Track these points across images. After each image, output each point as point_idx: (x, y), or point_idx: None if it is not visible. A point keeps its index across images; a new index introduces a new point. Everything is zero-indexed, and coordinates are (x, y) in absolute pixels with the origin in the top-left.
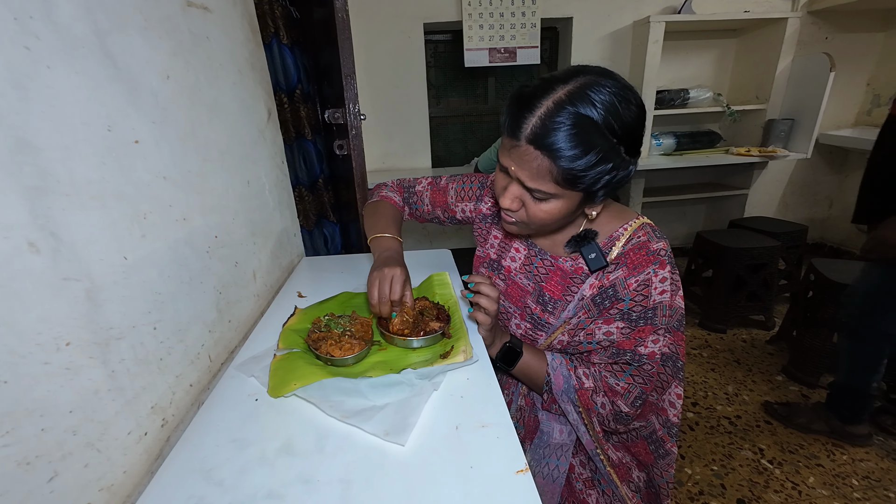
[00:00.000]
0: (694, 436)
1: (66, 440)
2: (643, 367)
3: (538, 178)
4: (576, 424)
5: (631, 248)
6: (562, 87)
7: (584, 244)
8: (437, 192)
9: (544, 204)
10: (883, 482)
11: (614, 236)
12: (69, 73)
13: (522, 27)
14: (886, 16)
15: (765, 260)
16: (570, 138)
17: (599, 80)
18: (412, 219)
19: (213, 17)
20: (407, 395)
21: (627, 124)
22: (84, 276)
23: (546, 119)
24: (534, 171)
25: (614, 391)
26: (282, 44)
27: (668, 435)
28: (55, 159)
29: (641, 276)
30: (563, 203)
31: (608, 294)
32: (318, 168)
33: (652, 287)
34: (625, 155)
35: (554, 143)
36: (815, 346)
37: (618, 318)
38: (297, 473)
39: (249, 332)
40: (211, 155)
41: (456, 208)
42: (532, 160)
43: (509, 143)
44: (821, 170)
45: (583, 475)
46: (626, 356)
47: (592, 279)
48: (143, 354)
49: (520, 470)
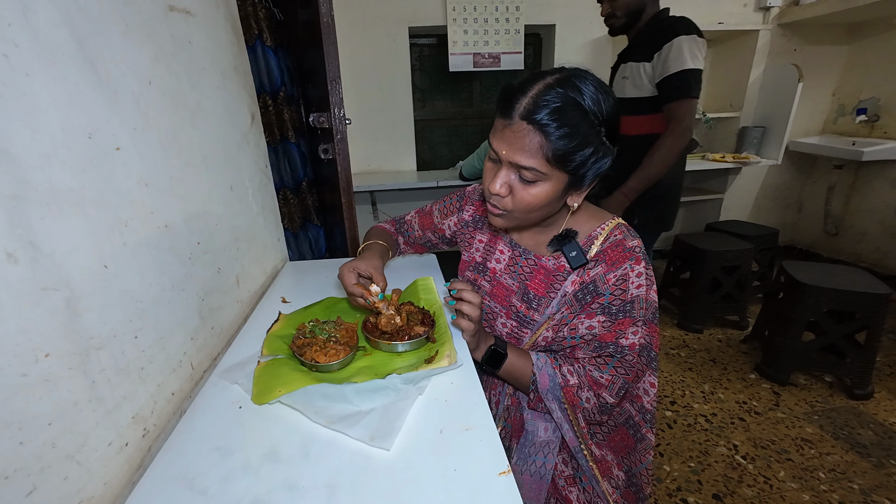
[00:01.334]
0: (672, 434)
1: (45, 453)
2: (625, 357)
3: (530, 156)
4: (560, 422)
5: (608, 245)
6: (550, 76)
7: (565, 243)
8: (424, 216)
9: (532, 188)
10: (847, 474)
11: (593, 235)
12: (48, 80)
13: (507, 33)
14: (850, 30)
15: (739, 262)
16: (560, 113)
17: (581, 73)
18: (408, 248)
19: (196, 21)
20: (392, 399)
21: (607, 112)
22: (63, 285)
23: (537, 97)
24: (525, 147)
25: (599, 384)
26: (265, 46)
27: (644, 421)
28: (34, 167)
29: (619, 271)
30: (549, 187)
31: (589, 289)
32: (301, 171)
33: (629, 282)
34: (605, 140)
35: (545, 118)
36: (785, 345)
37: (599, 312)
38: (281, 480)
39: (233, 339)
40: (194, 160)
41: (443, 225)
42: (524, 136)
43: (502, 123)
44: (790, 175)
45: (565, 472)
46: (609, 348)
47: (574, 276)
48: (124, 364)
49: (502, 472)
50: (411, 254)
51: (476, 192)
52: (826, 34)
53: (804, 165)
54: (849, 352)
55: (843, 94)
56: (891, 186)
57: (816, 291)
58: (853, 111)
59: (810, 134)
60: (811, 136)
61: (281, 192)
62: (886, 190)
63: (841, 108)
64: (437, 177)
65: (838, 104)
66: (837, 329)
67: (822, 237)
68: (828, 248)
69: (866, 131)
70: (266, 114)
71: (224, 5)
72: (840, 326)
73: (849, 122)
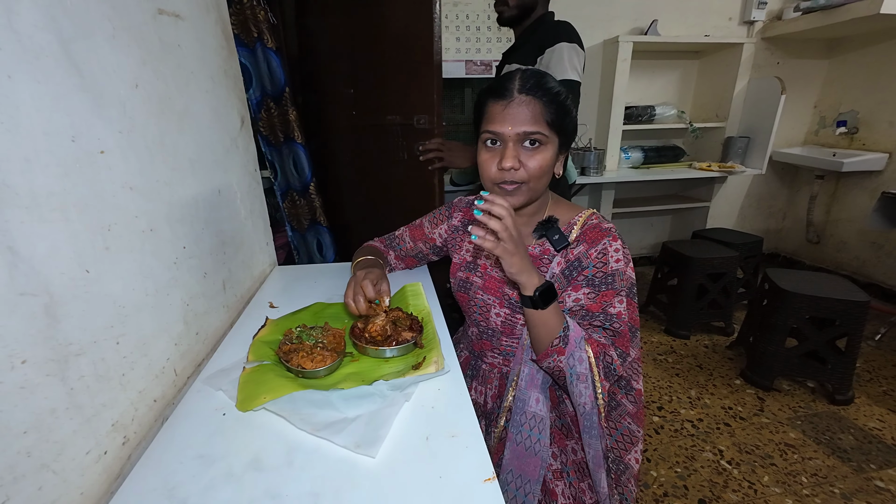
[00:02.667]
0: (659, 439)
1: (19, 462)
2: (613, 325)
3: (535, 121)
4: (585, 373)
5: (587, 228)
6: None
7: (548, 227)
8: (414, 229)
9: (537, 153)
10: (829, 479)
11: (571, 223)
12: (31, 83)
13: (498, 41)
14: (830, 44)
15: (725, 269)
16: (548, 85)
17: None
18: (399, 262)
19: (185, 25)
20: (378, 406)
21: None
22: (42, 290)
23: (528, 76)
24: (529, 115)
25: (602, 344)
26: (266, 47)
27: (618, 387)
28: (14, 171)
29: (599, 246)
30: (549, 151)
31: (574, 266)
32: (309, 173)
33: (608, 255)
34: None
35: (540, 85)
36: (769, 351)
37: (584, 285)
38: (264, 489)
39: (218, 345)
40: (180, 164)
41: (434, 235)
42: (527, 106)
43: (500, 105)
44: (774, 185)
45: (553, 466)
46: (599, 318)
47: (559, 258)
48: (104, 370)
49: (487, 478)
50: (401, 269)
51: (462, 201)
52: (807, 49)
53: (787, 175)
54: (830, 358)
55: (824, 106)
56: (869, 197)
57: (798, 299)
58: (833, 123)
59: (793, 144)
60: (794, 147)
61: (288, 195)
62: (865, 200)
63: (822, 120)
64: None
65: (819, 116)
66: (819, 335)
67: (804, 245)
68: (810, 256)
69: (846, 143)
70: (269, 115)
71: (214, 9)
72: (821, 333)
73: (829, 133)
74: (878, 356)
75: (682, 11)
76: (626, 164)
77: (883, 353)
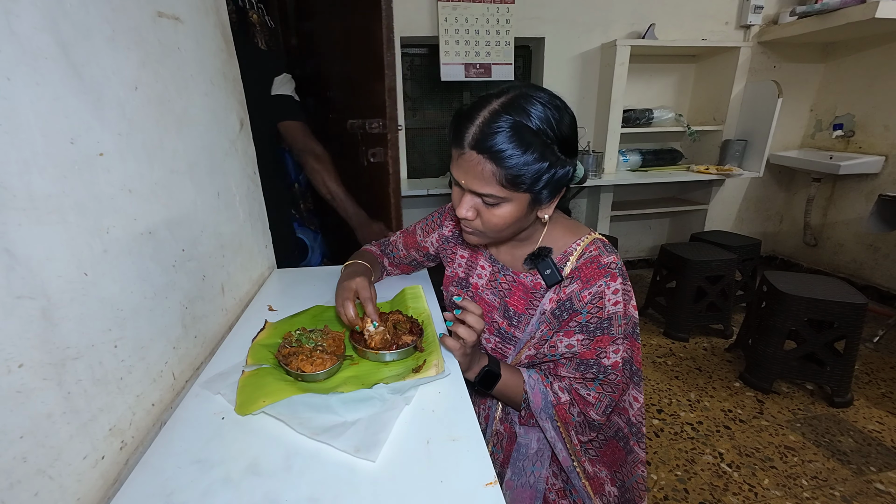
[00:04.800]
0: (659, 442)
1: (15, 468)
2: (609, 377)
3: (486, 183)
4: (553, 441)
5: (583, 262)
6: (496, 100)
7: (539, 261)
8: (408, 236)
9: (497, 209)
10: (829, 481)
11: (568, 251)
12: (29, 85)
13: (497, 45)
14: (825, 49)
15: (723, 272)
16: (507, 140)
17: (530, 93)
18: (394, 268)
19: (185, 28)
20: (378, 410)
21: (558, 128)
22: (39, 293)
23: (484, 126)
24: (479, 176)
25: (586, 402)
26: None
27: (631, 434)
28: (12, 173)
29: (594, 288)
30: (513, 207)
31: (566, 307)
32: (293, 175)
33: (605, 299)
34: (560, 154)
35: (494, 146)
36: (767, 353)
37: (577, 331)
38: (263, 494)
39: (216, 348)
40: (179, 167)
41: (426, 243)
42: (477, 164)
43: (456, 153)
44: (771, 188)
45: (556, 485)
46: (592, 369)
47: (551, 293)
48: (102, 374)
49: (488, 483)
50: (397, 274)
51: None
52: (803, 52)
53: (784, 178)
54: (828, 360)
55: (820, 109)
56: (865, 199)
57: (797, 301)
58: (830, 126)
59: (790, 148)
60: (791, 150)
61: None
62: (861, 203)
63: (818, 123)
64: (427, 185)
65: (816, 119)
66: (817, 338)
67: (801, 248)
68: (807, 258)
69: (842, 146)
70: None
71: (214, 12)
72: (819, 335)
73: (826, 136)
74: (877, 358)
75: (679, 16)
76: (624, 167)
77: (881, 355)
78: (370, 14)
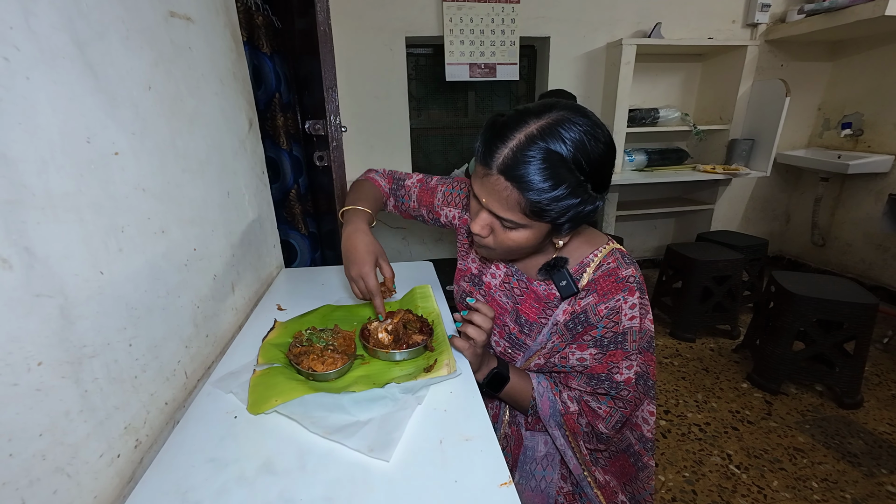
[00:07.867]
0: (666, 443)
1: (35, 465)
2: (621, 393)
3: (507, 209)
4: (563, 449)
5: (601, 274)
6: (534, 122)
7: (554, 272)
8: (426, 191)
9: (513, 232)
10: (839, 483)
11: (585, 262)
12: (48, 84)
13: (502, 44)
14: (833, 47)
15: (729, 272)
16: (539, 172)
17: (571, 117)
18: (396, 212)
19: (196, 28)
20: (390, 409)
21: (595, 161)
22: (57, 292)
23: (517, 151)
24: (503, 201)
25: (596, 415)
26: (260, 52)
27: (644, 449)
28: (30, 172)
29: (611, 302)
30: (530, 233)
31: (580, 320)
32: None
33: (622, 314)
34: (591, 191)
35: (524, 176)
36: (776, 354)
37: (591, 345)
38: (277, 493)
39: (227, 347)
40: (191, 166)
41: (441, 212)
42: (502, 190)
43: (482, 171)
44: (778, 187)
45: (564, 489)
46: (604, 384)
47: (565, 305)
48: (117, 372)
49: (503, 483)
50: (395, 214)
51: None
52: (811, 51)
53: (791, 177)
54: (838, 361)
55: (828, 108)
56: (874, 199)
57: (805, 301)
58: (838, 125)
59: (797, 147)
60: (798, 149)
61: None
62: (870, 202)
63: (826, 122)
64: None
65: (824, 118)
66: (826, 339)
67: (809, 248)
68: (815, 258)
69: (851, 145)
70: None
71: (224, 12)
72: (828, 336)
73: (834, 135)
74: (886, 360)
75: (685, 14)
76: (629, 167)
77: (891, 356)
78: (310, 9)
